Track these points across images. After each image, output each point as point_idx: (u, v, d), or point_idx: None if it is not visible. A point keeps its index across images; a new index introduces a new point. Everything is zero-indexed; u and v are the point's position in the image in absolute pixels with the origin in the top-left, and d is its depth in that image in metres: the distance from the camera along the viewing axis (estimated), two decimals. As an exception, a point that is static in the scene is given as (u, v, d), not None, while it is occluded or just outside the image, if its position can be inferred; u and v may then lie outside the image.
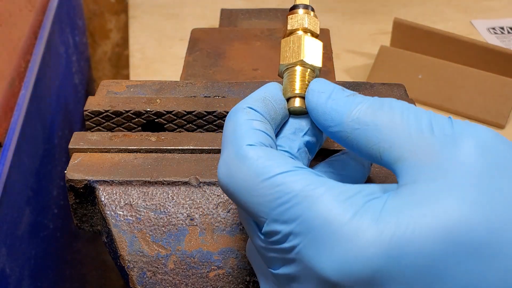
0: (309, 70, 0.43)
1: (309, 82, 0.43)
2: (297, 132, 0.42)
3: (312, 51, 0.44)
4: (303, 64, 0.43)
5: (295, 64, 0.44)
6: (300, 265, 0.36)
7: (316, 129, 0.42)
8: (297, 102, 0.42)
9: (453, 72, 1.08)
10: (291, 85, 0.43)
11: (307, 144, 0.42)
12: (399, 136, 0.36)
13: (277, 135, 0.42)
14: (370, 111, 0.37)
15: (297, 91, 0.43)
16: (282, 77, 0.45)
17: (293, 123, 0.42)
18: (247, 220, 0.39)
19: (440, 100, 1.09)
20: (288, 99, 0.43)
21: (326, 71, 0.71)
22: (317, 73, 0.44)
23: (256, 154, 0.37)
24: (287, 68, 0.44)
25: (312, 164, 0.45)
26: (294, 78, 0.43)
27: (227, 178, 0.38)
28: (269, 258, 0.38)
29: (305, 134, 0.42)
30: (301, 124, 0.42)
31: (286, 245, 0.36)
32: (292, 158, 0.40)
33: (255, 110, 0.40)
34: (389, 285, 0.33)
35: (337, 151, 0.51)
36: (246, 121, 0.39)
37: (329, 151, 0.51)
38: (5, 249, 0.68)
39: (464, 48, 1.06)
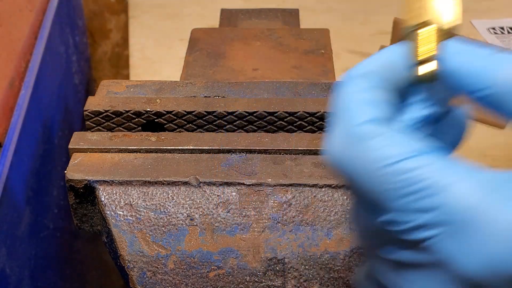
0: (443, 28, 0.37)
1: (442, 42, 0.36)
2: (420, 103, 0.36)
3: (446, 6, 0.37)
4: (436, 22, 0.37)
5: (425, 24, 0.37)
6: (429, 257, 0.32)
7: (442, 100, 0.37)
8: (426, 67, 0.36)
9: (453, 72, 1.08)
10: (420, 47, 0.37)
11: (430, 117, 0.37)
12: None
13: (399, 106, 0.37)
14: None
15: (427, 54, 0.36)
16: (407, 39, 0.37)
17: (417, 92, 0.37)
18: (361, 202, 0.35)
19: (440, 100, 1.09)
20: (415, 64, 0.36)
21: (326, 71, 0.71)
22: (453, 32, 0.37)
23: (372, 134, 0.32)
24: (416, 28, 0.37)
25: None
26: (424, 39, 0.37)
27: (338, 160, 0.33)
28: (383, 242, 0.34)
29: (429, 105, 0.37)
30: (427, 93, 0.37)
31: (415, 235, 0.32)
32: (414, 136, 0.34)
33: (369, 79, 0.35)
34: None
35: None
36: (358, 93, 0.34)
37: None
38: (5, 249, 0.68)
39: (464, 48, 1.06)
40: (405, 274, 0.34)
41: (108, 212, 0.49)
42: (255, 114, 0.55)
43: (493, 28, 1.23)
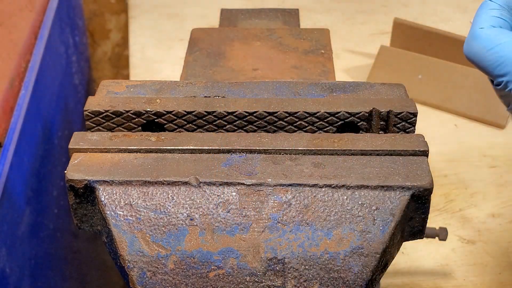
0: None
1: None
2: None
3: None
4: None
5: None
6: None
7: None
8: None
9: (453, 72, 1.08)
10: None
11: None
12: None
13: None
14: None
15: None
16: None
17: None
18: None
19: (440, 100, 1.09)
20: None
21: (326, 71, 0.71)
22: None
23: (485, 33, 0.51)
24: None
25: None
26: None
27: (467, 53, 0.51)
28: (501, 98, 0.54)
29: None
30: None
31: (507, 90, 0.50)
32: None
33: (494, 2, 0.52)
34: None
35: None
36: (484, 11, 0.52)
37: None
38: (5, 249, 0.68)
39: (464, 48, 1.06)
40: None
41: (108, 212, 0.49)
42: (255, 114, 0.55)
43: (493, 28, 1.23)
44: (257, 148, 0.53)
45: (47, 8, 0.92)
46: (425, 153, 0.52)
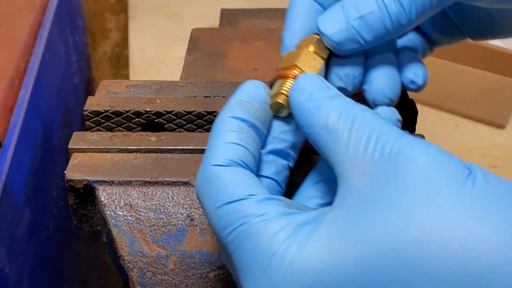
0: (298, 71, 0.43)
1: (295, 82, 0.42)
2: (280, 134, 0.43)
3: (309, 62, 0.43)
4: (295, 67, 0.43)
5: (288, 67, 0.43)
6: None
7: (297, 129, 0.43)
8: (274, 100, 0.42)
9: (453, 72, 1.08)
10: (276, 84, 0.43)
11: (292, 146, 0.43)
12: (347, 154, 0.37)
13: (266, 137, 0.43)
14: (336, 120, 0.38)
15: (278, 90, 0.42)
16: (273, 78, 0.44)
17: (277, 124, 0.43)
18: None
19: (440, 100, 1.09)
20: (273, 98, 0.43)
21: (326, 71, 0.71)
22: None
23: (215, 175, 0.38)
24: (280, 69, 0.44)
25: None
26: (281, 79, 0.43)
27: (198, 194, 0.39)
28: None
29: (286, 137, 0.43)
30: (284, 126, 0.43)
31: (232, 274, 0.39)
32: (255, 176, 0.39)
33: (234, 118, 0.40)
34: None
35: None
36: (222, 134, 0.40)
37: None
38: (5, 249, 0.68)
39: (464, 48, 1.06)
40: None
41: (108, 212, 0.49)
42: (255, 114, 0.55)
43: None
44: (257, 148, 0.53)
45: (47, 8, 0.92)
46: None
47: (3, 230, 0.67)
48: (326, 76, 0.45)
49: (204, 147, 0.53)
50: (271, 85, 0.44)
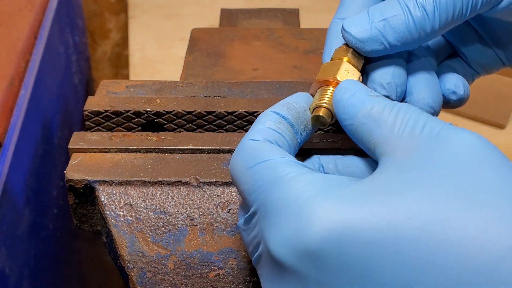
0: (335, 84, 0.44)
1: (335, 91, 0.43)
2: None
3: (347, 74, 0.45)
4: (335, 80, 0.44)
5: (328, 82, 0.44)
6: (263, 246, 0.38)
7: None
8: (315, 113, 0.44)
9: (453, 72, 1.08)
10: (317, 95, 0.44)
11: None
12: (393, 134, 0.38)
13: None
14: (381, 110, 0.40)
15: (319, 102, 0.44)
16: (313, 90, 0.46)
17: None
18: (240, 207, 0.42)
19: (440, 100, 1.09)
20: (312, 110, 0.44)
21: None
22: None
23: (251, 146, 0.40)
24: (320, 83, 0.45)
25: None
26: (322, 92, 0.44)
27: (230, 166, 0.41)
28: (247, 244, 0.41)
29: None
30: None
31: (253, 226, 0.39)
32: (282, 148, 0.41)
33: (275, 113, 0.43)
34: (327, 266, 0.35)
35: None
36: (262, 121, 0.42)
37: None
38: (5, 249, 0.68)
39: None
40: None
41: (108, 212, 0.49)
42: (255, 114, 0.55)
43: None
44: (257, 148, 0.53)
45: (47, 8, 0.92)
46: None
47: (3, 230, 0.67)
48: (369, 86, 0.46)
49: (204, 147, 0.53)
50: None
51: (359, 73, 0.45)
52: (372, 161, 0.44)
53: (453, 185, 0.34)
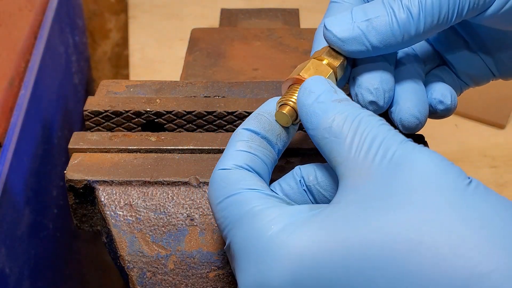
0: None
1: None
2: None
3: (315, 70, 0.44)
4: (300, 77, 0.44)
5: (295, 79, 0.44)
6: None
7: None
8: (282, 108, 0.43)
9: (453, 72, 1.08)
10: (283, 94, 0.44)
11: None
12: (350, 154, 0.38)
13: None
14: (342, 123, 0.39)
15: (284, 99, 0.43)
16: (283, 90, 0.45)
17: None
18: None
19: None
20: (277, 107, 0.43)
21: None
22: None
23: (220, 177, 0.40)
24: (288, 81, 0.44)
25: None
26: (290, 90, 0.44)
27: (208, 199, 0.42)
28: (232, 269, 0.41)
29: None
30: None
31: (232, 257, 0.40)
32: (260, 178, 0.41)
33: (246, 129, 0.42)
34: None
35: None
36: (233, 144, 0.42)
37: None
38: (5, 249, 0.68)
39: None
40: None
41: (108, 212, 0.49)
42: (255, 114, 0.55)
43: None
44: (257, 148, 0.53)
45: (47, 8, 0.92)
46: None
47: (3, 230, 0.67)
48: (356, 91, 0.45)
49: (204, 147, 0.53)
50: None
51: (332, 70, 0.44)
52: None
53: (405, 213, 0.34)
